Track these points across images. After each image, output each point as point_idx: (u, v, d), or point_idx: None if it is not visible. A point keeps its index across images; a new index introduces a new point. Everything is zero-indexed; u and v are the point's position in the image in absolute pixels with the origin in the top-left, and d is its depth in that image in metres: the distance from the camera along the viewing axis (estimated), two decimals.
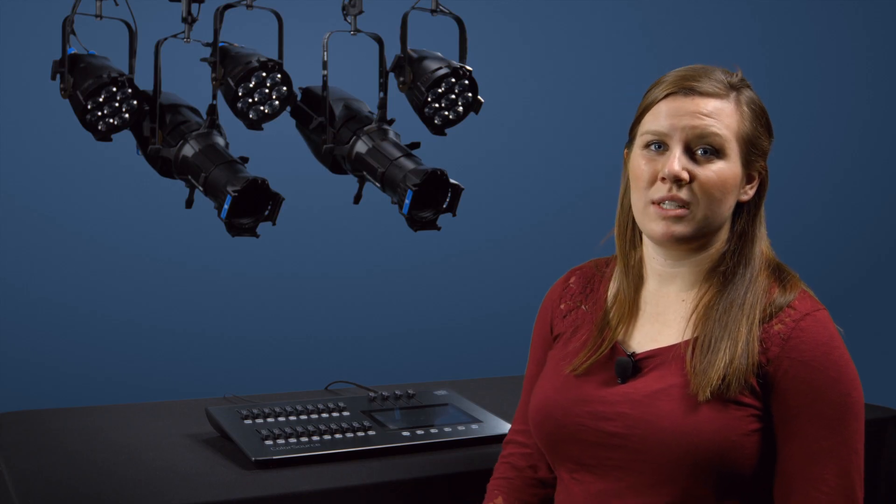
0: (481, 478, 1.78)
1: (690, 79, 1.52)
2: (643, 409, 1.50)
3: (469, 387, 2.42)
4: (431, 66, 2.26)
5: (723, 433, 1.45)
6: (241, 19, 2.22)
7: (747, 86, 1.56)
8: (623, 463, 1.50)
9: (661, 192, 1.51)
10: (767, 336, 1.49)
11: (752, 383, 1.47)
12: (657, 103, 1.53)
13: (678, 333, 1.55)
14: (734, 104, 1.53)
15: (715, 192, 1.50)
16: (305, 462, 1.89)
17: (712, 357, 1.48)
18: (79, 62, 2.13)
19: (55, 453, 1.96)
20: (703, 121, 1.50)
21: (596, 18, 3.97)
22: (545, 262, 2.11)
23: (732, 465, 1.46)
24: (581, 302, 1.68)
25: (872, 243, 4.21)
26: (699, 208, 1.50)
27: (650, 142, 1.53)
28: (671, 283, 1.58)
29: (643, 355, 1.55)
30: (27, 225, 3.42)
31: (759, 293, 1.52)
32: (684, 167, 1.49)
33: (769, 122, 1.57)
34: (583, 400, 1.55)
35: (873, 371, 3.96)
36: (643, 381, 1.53)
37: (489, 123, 2.56)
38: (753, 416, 1.47)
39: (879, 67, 4.18)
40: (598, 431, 1.52)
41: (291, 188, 2.19)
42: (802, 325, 1.48)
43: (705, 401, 1.46)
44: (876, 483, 2.21)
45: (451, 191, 2.21)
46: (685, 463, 1.45)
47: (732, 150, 1.51)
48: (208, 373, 3.53)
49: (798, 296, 1.52)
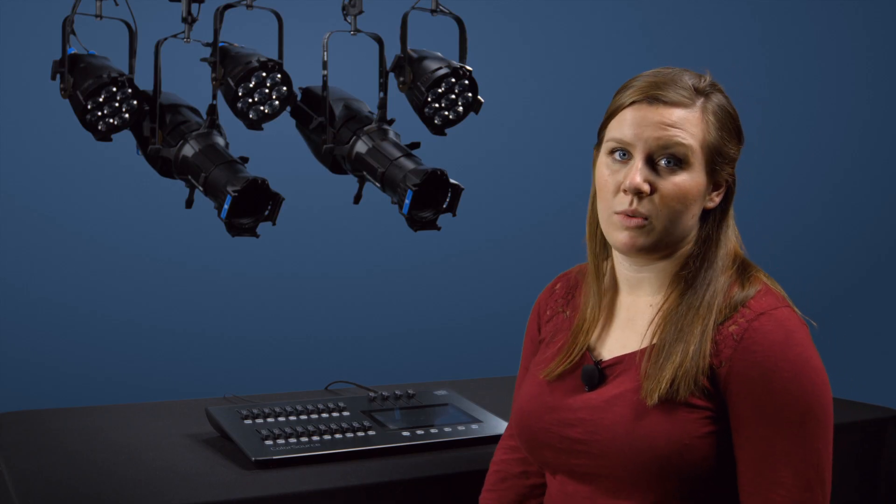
0: (481, 478, 1.78)
1: (656, 87, 1.50)
2: (600, 414, 1.50)
3: (469, 387, 2.42)
4: (431, 66, 2.26)
5: (674, 436, 1.45)
6: (241, 19, 2.22)
7: (717, 90, 1.54)
8: (589, 469, 1.51)
9: (623, 204, 1.50)
10: (721, 337, 1.47)
11: (705, 385, 1.46)
12: (623, 110, 1.52)
13: (642, 339, 1.55)
14: (700, 113, 1.51)
15: (675, 204, 1.49)
16: (305, 462, 1.89)
17: (664, 362, 1.47)
18: (79, 62, 2.13)
19: (55, 453, 1.96)
20: (666, 131, 1.49)
21: (596, 18, 3.97)
22: (545, 262, 2.11)
23: (690, 467, 1.45)
24: (563, 307, 1.68)
25: (872, 243, 4.21)
26: (659, 220, 1.49)
27: (614, 149, 1.52)
28: (639, 288, 1.58)
29: (609, 362, 1.55)
30: (27, 225, 3.42)
31: (719, 293, 1.50)
32: (646, 179, 1.48)
33: (738, 128, 1.55)
34: (552, 407, 1.56)
35: (873, 371, 3.97)
36: (606, 388, 1.53)
37: (489, 123, 2.56)
38: (707, 419, 1.46)
39: (879, 67, 4.18)
40: (564, 438, 1.54)
41: (291, 188, 2.19)
42: (755, 325, 1.46)
43: (654, 406, 1.46)
44: (876, 483, 2.21)
45: (451, 191, 2.21)
46: (642, 467, 1.46)
47: (696, 160, 1.50)
48: (208, 373, 3.53)
49: (758, 293, 1.50)
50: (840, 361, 1.52)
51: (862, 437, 2.18)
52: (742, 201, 1.63)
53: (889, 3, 4.17)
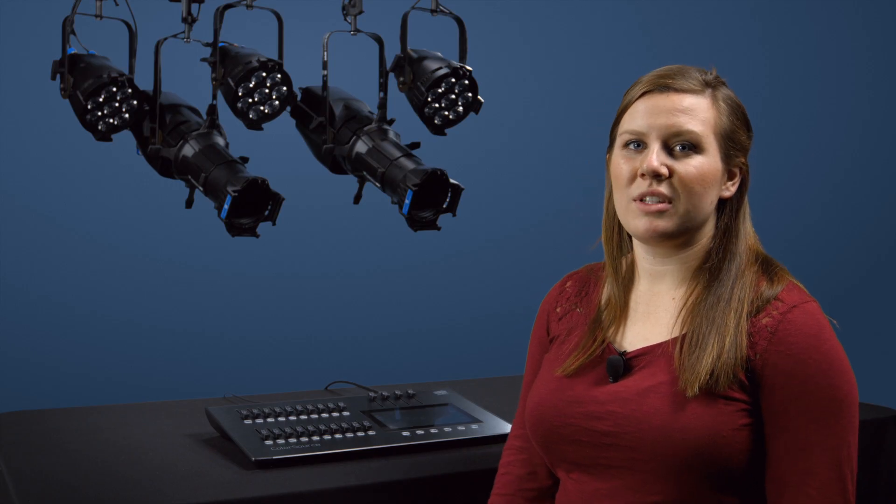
0: (481, 478, 1.78)
1: (666, 77, 1.53)
2: (633, 406, 1.50)
3: (469, 387, 2.42)
4: (431, 66, 2.26)
5: (712, 429, 1.45)
6: (241, 19, 2.22)
7: (723, 83, 1.56)
8: (616, 462, 1.50)
9: (641, 188, 1.51)
10: (755, 330, 1.48)
11: (741, 378, 1.47)
12: (634, 103, 1.54)
13: (668, 331, 1.55)
14: (710, 100, 1.53)
15: (695, 185, 1.50)
16: (305, 462, 1.89)
17: (700, 353, 1.48)
18: (79, 62, 2.13)
19: (55, 453, 1.96)
20: (679, 117, 1.50)
21: (596, 18, 3.97)
22: (545, 262, 2.11)
23: (724, 460, 1.46)
24: (576, 304, 1.68)
25: (872, 243, 4.21)
26: (681, 203, 1.50)
27: (629, 141, 1.53)
28: (661, 281, 1.58)
29: (634, 353, 1.55)
30: (27, 225, 3.42)
31: (747, 287, 1.51)
32: (663, 163, 1.50)
33: (747, 119, 1.57)
34: (575, 401, 1.56)
35: (873, 371, 3.97)
36: (633, 379, 1.53)
37: (489, 123, 2.56)
38: (743, 411, 1.47)
39: (879, 67, 4.18)
40: (590, 431, 1.53)
41: (291, 188, 2.19)
42: (789, 318, 1.48)
43: (693, 397, 1.46)
44: (876, 483, 2.21)
45: (451, 191, 2.21)
46: (676, 460, 1.45)
47: (710, 145, 1.52)
48: (208, 373, 3.53)
49: (786, 288, 1.51)
50: None
51: (862, 437, 2.18)
52: None
53: (889, 3, 4.17)
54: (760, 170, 1.64)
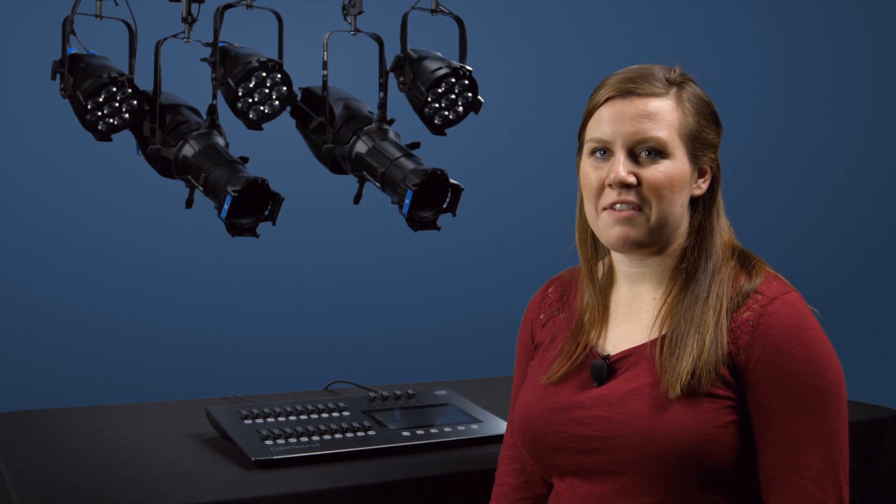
0: (481, 478, 1.78)
1: (629, 81, 1.52)
2: (617, 410, 1.50)
3: (469, 387, 2.42)
4: (431, 66, 2.26)
5: (697, 428, 1.45)
6: (241, 19, 2.22)
7: (688, 80, 1.55)
8: (604, 466, 1.50)
9: (610, 197, 1.51)
10: (736, 325, 1.48)
11: (724, 374, 1.46)
12: (598, 108, 1.53)
13: (649, 332, 1.54)
14: (675, 101, 1.52)
15: (664, 191, 1.50)
16: (305, 462, 1.89)
17: (680, 353, 1.47)
18: (79, 62, 2.13)
19: (55, 453, 1.96)
20: (643, 123, 1.50)
21: (596, 18, 3.97)
22: (545, 262, 2.11)
23: (711, 459, 1.45)
24: (559, 310, 1.68)
25: (872, 243, 4.21)
26: (651, 209, 1.50)
27: (595, 148, 1.53)
28: (641, 283, 1.58)
29: (617, 356, 1.55)
30: (27, 225, 3.42)
31: (725, 284, 1.51)
32: (630, 171, 1.49)
33: (715, 115, 1.56)
34: (561, 407, 1.55)
35: (873, 371, 3.97)
36: (617, 382, 1.53)
37: (489, 123, 2.56)
38: (728, 408, 1.46)
39: (879, 67, 4.18)
40: (577, 437, 1.52)
41: (291, 188, 2.19)
42: (770, 310, 1.47)
43: (676, 398, 1.46)
44: (876, 483, 2.21)
45: (451, 191, 2.21)
46: (662, 461, 1.45)
47: (677, 149, 1.51)
48: (208, 373, 3.53)
49: (765, 280, 1.51)
50: (840, 361, 1.52)
51: (862, 437, 2.18)
52: (742, 200, 1.63)
53: (889, 3, 4.17)
54: (760, 170, 1.65)
